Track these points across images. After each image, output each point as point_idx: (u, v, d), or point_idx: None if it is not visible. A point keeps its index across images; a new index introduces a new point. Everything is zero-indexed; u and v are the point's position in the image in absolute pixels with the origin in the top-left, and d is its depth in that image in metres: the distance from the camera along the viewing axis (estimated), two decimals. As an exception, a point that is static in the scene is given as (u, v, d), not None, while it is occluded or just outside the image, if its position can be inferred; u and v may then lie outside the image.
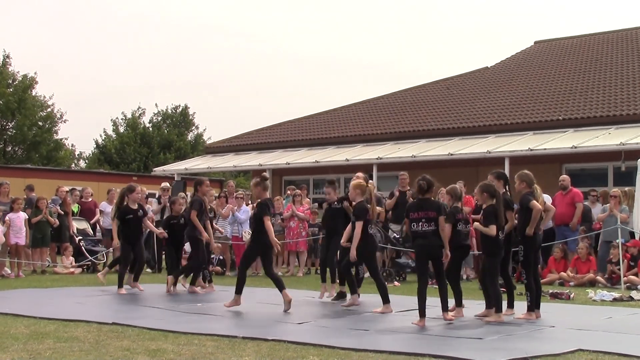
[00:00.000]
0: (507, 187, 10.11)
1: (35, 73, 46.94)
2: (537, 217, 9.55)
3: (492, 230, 9.34)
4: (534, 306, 9.59)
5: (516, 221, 9.84)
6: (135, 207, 12.92)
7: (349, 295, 11.35)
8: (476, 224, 9.76)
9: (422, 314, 8.91)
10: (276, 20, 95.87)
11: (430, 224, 9.13)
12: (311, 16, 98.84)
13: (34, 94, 46.85)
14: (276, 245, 10.58)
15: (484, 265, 9.77)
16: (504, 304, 9.84)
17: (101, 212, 18.97)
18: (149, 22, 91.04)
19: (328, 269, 12.03)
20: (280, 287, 10.24)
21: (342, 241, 10.81)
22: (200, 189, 13.30)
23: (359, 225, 10.21)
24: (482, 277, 9.93)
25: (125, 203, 12.97)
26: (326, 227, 12.42)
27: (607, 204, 15.57)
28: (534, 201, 9.60)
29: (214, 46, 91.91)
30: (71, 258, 17.84)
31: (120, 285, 12.64)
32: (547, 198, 15.28)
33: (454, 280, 9.75)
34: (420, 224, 9.15)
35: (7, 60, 45.97)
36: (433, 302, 9.33)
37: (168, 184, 20.08)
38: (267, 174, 11.81)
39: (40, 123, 46.91)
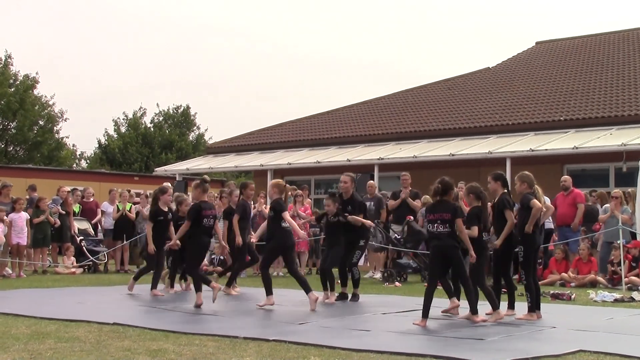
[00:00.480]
0: (506, 188, 10.13)
1: (37, 73, 46.98)
2: (536, 215, 9.60)
3: (474, 231, 9.47)
4: (534, 307, 9.60)
5: (515, 221, 9.85)
6: (165, 209, 12.65)
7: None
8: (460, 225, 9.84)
9: (426, 314, 8.92)
10: (277, 21, 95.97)
11: (445, 225, 9.17)
12: (312, 16, 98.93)
13: (35, 93, 46.91)
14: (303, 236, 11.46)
15: (470, 266, 9.79)
16: (504, 304, 9.86)
17: (103, 212, 18.99)
18: (151, 22, 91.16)
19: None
20: (307, 289, 10.45)
21: (253, 239, 11.39)
22: (245, 192, 13.18)
23: (287, 215, 10.70)
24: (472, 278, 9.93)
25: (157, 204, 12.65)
26: (326, 240, 12.64)
27: (607, 205, 15.58)
28: (535, 200, 9.63)
29: (215, 46, 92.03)
30: (72, 258, 17.87)
31: (154, 287, 12.39)
32: (546, 200, 15.32)
33: (476, 282, 9.74)
34: (435, 225, 9.20)
35: (9, 60, 46.05)
36: (434, 303, 9.31)
37: (169, 184, 20.08)
38: (207, 177, 11.93)
39: (41, 122, 46.97)
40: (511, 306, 9.91)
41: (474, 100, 25.32)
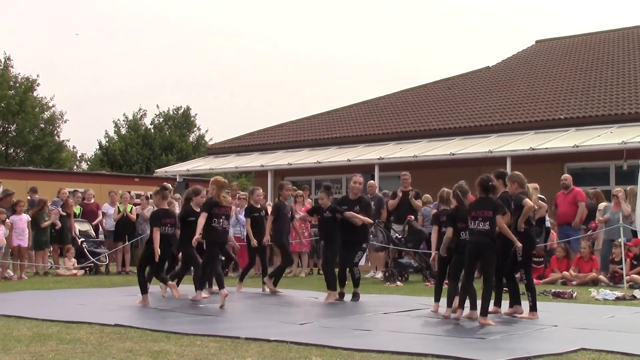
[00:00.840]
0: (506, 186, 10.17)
1: (37, 75, 47.00)
2: (527, 213, 9.68)
3: (448, 232, 9.75)
4: (535, 306, 9.61)
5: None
6: (198, 210, 11.88)
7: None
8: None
9: (475, 306, 9.16)
10: (277, 21, 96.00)
11: (486, 223, 9.20)
12: (312, 16, 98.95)
13: (35, 95, 46.91)
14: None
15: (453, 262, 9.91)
16: (505, 303, 9.87)
17: (103, 213, 19.00)
18: (150, 23, 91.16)
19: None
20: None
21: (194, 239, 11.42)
22: (282, 193, 13.35)
23: (202, 216, 11.06)
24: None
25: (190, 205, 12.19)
26: (322, 236, 12.68)
27: (603, 203, 15.61)
28: (527, 199, 9.73)
29: (214, 47, 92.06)
30: (73, 260, 17.88)
31: (200, 288, 11.93)
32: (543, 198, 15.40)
33: (508, 278, 9.87)
34: (476, 222, 9.23)
35: (9, 62, 46.07)
36: (427, 301, 9.31)
37: (169, 185, 20.09)
38: (167, 184, 11.98)
39: (42, 125, 46.98)
40: (516, 303, 9.90)
41: (474, 100, 25.31)
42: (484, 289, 9.16)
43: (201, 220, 11.10)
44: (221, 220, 11.28)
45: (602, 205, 15.76)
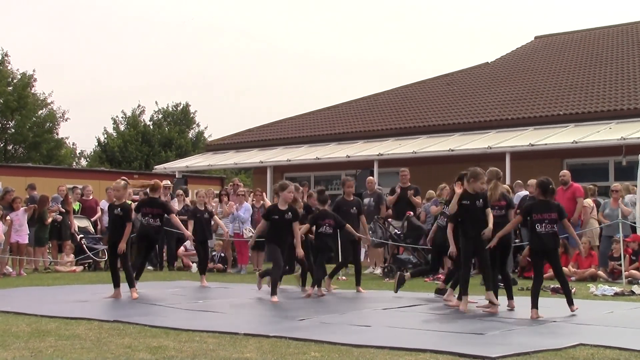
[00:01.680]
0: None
1: (33, 71, 46.94)
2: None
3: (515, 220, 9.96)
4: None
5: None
6: (284, 207, 11.06)
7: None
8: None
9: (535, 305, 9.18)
10: (277, 18, 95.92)
11: (553, 225, 9.35)
12: (312, 13, 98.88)
13: (33, 92, 46.84)
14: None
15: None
16: (504, 299, 9.90)
17: (102, 210, 19.00)
18: (149, 20, 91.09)
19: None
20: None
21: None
22: (345, 189, 13.04)
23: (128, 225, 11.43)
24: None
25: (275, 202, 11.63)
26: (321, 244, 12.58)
27: (607, 200, 15.62)
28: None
29: (214, 44, 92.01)
30: (72, 255, 17.88)
31: (274, 292, 10.93)
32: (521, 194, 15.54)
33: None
34: (543, 225, 9.30)
35: (6, 58, 46.00)
36: (426, 297, 9.31)
37: (169, 182, 20.12)
38: (122, 180, 12.01)
39: (40, 122, 46.92)
40: (510, 297, 10.03)
41: (473, 96, 25.31)
42: (562, 285, 9.61)
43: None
44: (147, 217, 12.25)
45: (587, 201, 15.78)
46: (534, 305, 9.08)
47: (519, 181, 17.03)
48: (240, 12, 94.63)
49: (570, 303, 9.42)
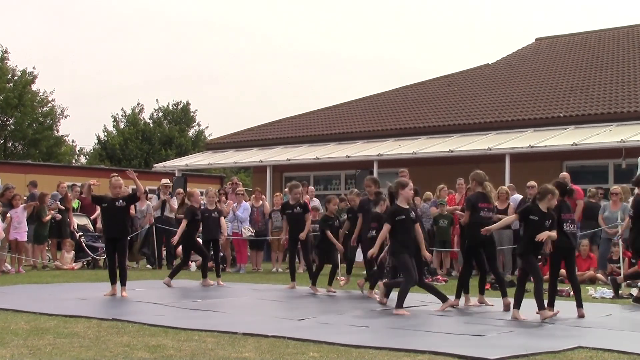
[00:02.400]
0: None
1: (34, 68, 46.97)
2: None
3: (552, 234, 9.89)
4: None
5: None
6: (406, 206, 10.18)
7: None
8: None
9: (552, 303, 9.57)
10: (277, 17, 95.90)
11: (574, 225, 9.75)
12: (312, 12, 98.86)
13: (34, 89, 46.86)
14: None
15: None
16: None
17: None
18: (150, 18, 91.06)
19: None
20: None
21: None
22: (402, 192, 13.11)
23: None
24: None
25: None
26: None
27: (607, 202, 15.61)
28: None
29: (214, 43, 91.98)
30: (72, 252, 17.86)
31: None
32: (518, 197, 15.60)
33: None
34: (567, 224, 9.55)
35: (6, 55, 45.99)
36: (425, 298, 9.30)
37: (169, 181, 20.12)
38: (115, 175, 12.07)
39: (40, 119, 46.92)
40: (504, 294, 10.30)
41: (473, 97, 25.31)
42: (573, 285, 9.85)
43: None
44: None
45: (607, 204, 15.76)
46: (551, 303, 9.48)
47: (512, 184, 17.07)
48: (241, 10, 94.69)
49: (579, 305, 9.51)
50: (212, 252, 14.55)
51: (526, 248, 9.25)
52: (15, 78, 45.88)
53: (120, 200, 11.51)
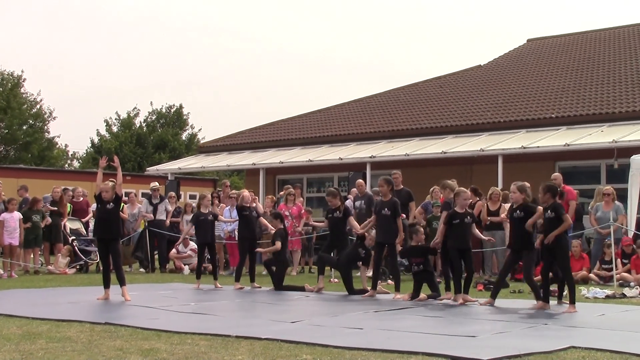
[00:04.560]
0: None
1: (22, 71, 46.84)
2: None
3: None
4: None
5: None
6: (462, 210, 11.39)
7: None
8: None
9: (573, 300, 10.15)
10: (270, 21, 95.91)
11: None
12: (305, 16, 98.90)
13: (22, 92, 46.69)
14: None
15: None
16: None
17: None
18: (142, 22, 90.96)
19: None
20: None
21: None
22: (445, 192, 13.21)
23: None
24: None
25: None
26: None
27: (599, 203, 15.66)
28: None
29: (206, 46, 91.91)
30: (68, 258, 17.77)
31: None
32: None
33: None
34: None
35: (-6, 59, 45.97)
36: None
37: (157, 184, 20.07)
38: (110, 181, 12.07)
39: (30, 121, 46.77)
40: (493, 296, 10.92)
41: (465, 98, 25.35)
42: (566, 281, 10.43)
43: None
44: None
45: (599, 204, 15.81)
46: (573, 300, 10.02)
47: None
48: (234, 14, 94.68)
49: (572, 302, 10.01)
50: (209, 256, 14.66)
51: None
52: (4, 81, 45.71)
53: (110, 203, 11.57)
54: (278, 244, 13.48)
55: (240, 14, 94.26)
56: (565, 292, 10.48)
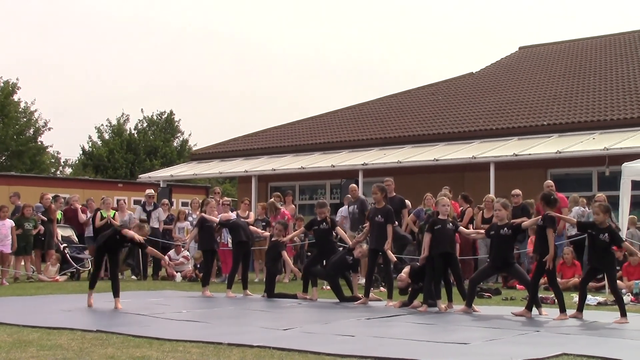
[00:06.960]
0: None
1: (17, 79, 46.64)
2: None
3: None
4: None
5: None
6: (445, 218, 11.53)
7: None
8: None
9: (581, 308, 10.26)
10: (262, 27, 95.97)
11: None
12: (297, 23, 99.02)
13: (16, 100, 46.55)
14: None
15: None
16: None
17: (85, 220, 18.88)
18: (134, 29, 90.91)
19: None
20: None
21: None
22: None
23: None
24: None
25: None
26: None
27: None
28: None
29: (198, 52, 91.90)
30: (57, 265, 17.72)
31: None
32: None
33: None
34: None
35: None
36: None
37: (152, 191, 20.04)
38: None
39: (24, 130, 46.61)
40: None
41: (457, 106, 25.41)
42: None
43: None
44: None
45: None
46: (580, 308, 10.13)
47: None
48: (225, 20, 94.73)
49: (562, 310, 10.10)
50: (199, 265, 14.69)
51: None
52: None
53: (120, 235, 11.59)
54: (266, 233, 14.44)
55: (232, 20, 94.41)
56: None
